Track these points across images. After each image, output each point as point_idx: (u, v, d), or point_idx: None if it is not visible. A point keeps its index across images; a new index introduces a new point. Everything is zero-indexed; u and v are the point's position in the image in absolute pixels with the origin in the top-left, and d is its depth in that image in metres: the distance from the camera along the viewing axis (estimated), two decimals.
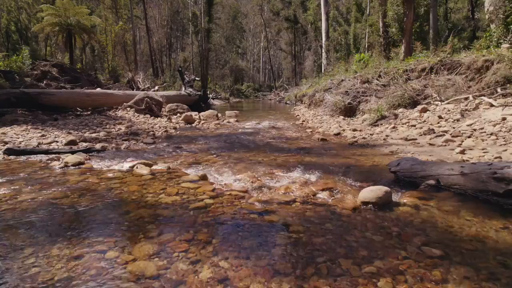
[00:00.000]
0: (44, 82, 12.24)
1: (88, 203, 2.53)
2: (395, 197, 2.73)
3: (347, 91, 10.63)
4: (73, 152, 4.52)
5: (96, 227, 2.10)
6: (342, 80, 11.96)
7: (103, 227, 2.10)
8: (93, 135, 6.45)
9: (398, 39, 13.35)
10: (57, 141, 5.66)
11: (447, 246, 1.81)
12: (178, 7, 37.36)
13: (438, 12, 20.06)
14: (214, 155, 4.82)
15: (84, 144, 5.54)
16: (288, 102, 24.39)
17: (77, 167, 3.75)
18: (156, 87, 17.70)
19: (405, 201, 2.65)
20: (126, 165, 3.77)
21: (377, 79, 10.25)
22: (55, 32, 14.86)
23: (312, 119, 10.55)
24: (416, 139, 5.77)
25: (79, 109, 10.18)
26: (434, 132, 5.91)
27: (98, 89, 11.96)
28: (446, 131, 5.73)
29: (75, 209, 2.40)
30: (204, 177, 3.32)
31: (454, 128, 5.80)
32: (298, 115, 12.60)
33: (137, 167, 3.64)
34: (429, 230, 2.06)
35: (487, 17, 12.97)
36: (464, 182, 2.74)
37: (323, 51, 24.35)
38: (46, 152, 4.53)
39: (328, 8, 26.04)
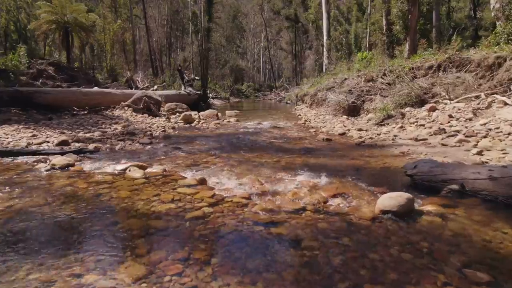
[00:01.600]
0: (40, 80, 11.97)
1: (70, 212, 2.23)
2: (416, 204, 2.44)
3: (350, 90, 10.33)
4: (63, 153, 4.23)
5: (75, 243, 1.81)
6: (345, 79, 11.65)
7: (84, 243, 1.80)
8: (87, 135, 6.16)
9: (402, 37, 13.05)
10: (48, 142, 5.36)
11: (493, 268, 1.52)
12: (178, 7, 37.04)
13: (440, 11, 19.79)
14: (214, 156, 4.53)
15: (77, 145, 5.25)
16: (288, 102, 24.09)
17: (65, 169, 3.45)
18: (155, 87, 17.42)
19: (428, 209, 2.35)
20: (118, 168, 3.47)
21: (381, 78, 9.95)
22: (52, 30, 14.55)
23: (314, 119, 10.27)
24: (426, 139, 5.47)
25: (75, 108, 9.87)
26: (445, 132, 5.61)
27: (95, 88, 11.68)
28: (458, 131, 5.43)
29: (55, 220, 2.11)
30: (202, 181, 3.03)
31: (466, 127, 5.51)
32: (300, 115, 12.32)
33: (129, 170, 3.34)
34: (464, 246, 1.77)
35: (492, 14, 12.66)
36: (494, 188, 2.44)
37: (324, 50, 24.07)
38: (34, 153, 4.23)
39: (329, 7, 25.76)
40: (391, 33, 14.21)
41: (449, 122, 6.09)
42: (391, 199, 2.24)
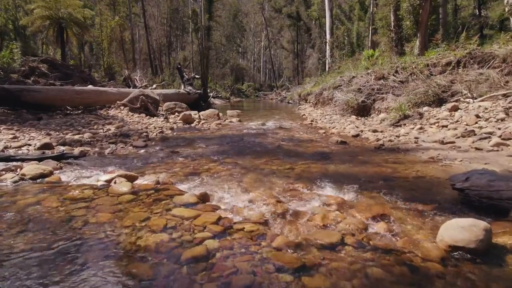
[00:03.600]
0: (32, 78, 11.37)
1: (25, 248, 1.63)
2: None
3: (360, 88, 9.74)
4: (41, 159, 3.63)
5: None
6: (353, 77, 11.05)
7: None
8: (76, 137, 5.56)
9: (412, 33, 12.44)
10: (30, 145, 4.75)
11: None
12: (177, 5, 36.44)
13: (446, 9, 19.30)
14: (217, 163, 3.93)
15: (62, 148, 4.65)
16: (290, 101, 23.57)
17: (37, 181, 2.85)
18: (154, 85, 16.83)
19: (508, 241, 1.75)
20: (102, 178, 2.87)
21: (393, 75, 9.36)
22: (46, 26, 13.93)
23: (321, 119, 9.70)
24: (454, 142, 4.88)
25: (68, 107, 9.27)
26: (475, 134, 5.02)
27: (90, 86, 11.07)
28: (490, 133, 4.84)
29: None
30: (204, 198, 2.43)
31: (499, 129, 4.91)
32: (304, 115, 11.77)
33: (115, 182, 2.74)
34: None
35: (506, 9, 12.06)
36: None
37: (327, 48, 23.47)
38: (8, 159, 3.62)
39: (332, 4, 25.17)
40: (400, 29, 13.59)
41: (476, 122, 5.49)
42: (463, 231, 1.63)
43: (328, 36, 23.98)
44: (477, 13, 23.50)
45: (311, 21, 32.58)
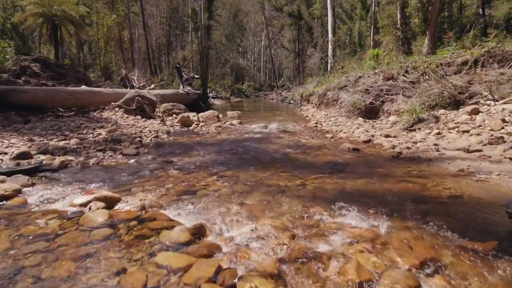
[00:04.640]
0: (23, 78, 10.85)
1: None
2: None
3: (367, 89, 9.23)
4: (10, 173, 3.12)
5: None
6: (360, 77, 10.54)
7: None
8: (61, 143, 5.04)
9: (420, 31, 11.92)
10: (6, 153, 4.24)
11: None
12: (177, 4, 35.96)
13: (452, 7, 18.87)
14: (216, 176, 3.41)
15: (41, 158, 4.13)
16: (291, 101, 23.12)
17: None
18: (152, 85, 16.34)
19: None
20: (76, 201, 2.35)
21: (403, 75, 8.84)
22: (39, 23, 13.40)
23: (325, 121, 9.21)
24: (481, 150, 4.36)
25: (60, 109, 8.75)
26: (504, 141, 4.50)
27: (83, 87, 10.56)
28: None
29: None
30: (199, 231, 1.91)
31: None
32: (308, 116, 11.29)
33: (90, 208, 2.22)
34: None
35: None
36: None
37: (329, 47, 22.97)
38: None
39: (334, 3, 24.68)
40: (407, 27, 13.06)
41: (503, 128, 4.97)
42: None
43: (330, 35, 23.50)
44: (481, 12, 23.06)
45: (312, 20, 32.10)
